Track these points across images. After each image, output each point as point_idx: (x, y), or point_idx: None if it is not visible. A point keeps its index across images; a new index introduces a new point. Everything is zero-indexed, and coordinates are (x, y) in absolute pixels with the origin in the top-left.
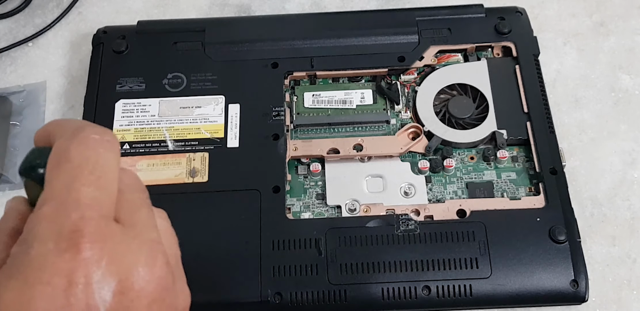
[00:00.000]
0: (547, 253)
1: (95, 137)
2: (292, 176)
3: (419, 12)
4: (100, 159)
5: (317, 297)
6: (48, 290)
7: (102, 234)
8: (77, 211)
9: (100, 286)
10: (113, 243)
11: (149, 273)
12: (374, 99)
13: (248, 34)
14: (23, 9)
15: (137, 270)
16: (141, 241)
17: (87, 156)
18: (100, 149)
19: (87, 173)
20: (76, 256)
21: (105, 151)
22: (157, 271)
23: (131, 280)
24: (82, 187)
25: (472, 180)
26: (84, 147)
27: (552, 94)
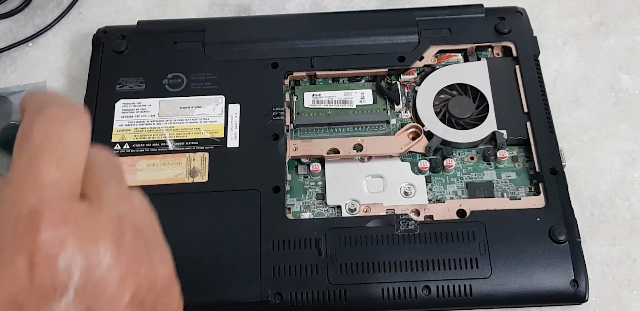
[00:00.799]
0: (547, 253)
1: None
2: (292, 176)
3: (419, 12)
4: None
5: (317, 297)
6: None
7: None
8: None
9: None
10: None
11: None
12: (374, 99)
13: (248, 34)
14: (23, 9)
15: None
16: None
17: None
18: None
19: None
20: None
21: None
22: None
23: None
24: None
25: (472, 180)
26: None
27: (552, 94)
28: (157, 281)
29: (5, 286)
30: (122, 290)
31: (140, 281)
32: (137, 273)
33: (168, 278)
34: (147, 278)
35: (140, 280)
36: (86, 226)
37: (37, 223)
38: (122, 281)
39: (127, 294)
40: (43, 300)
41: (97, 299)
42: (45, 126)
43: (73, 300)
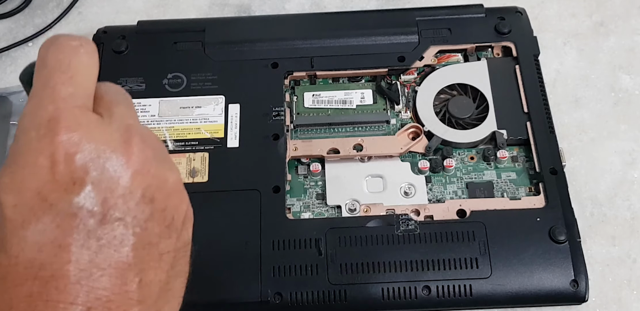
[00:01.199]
0: (547, 253)
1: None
2: (292, 176)
3: (419, 12)
4: (74, 60)
5: (317, 297)
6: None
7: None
8: (52, 103)
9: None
10: (89, 127)
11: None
12: (374, 99)
13: (248, 34)
14: (23, 9)
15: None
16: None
17: (60, 59)
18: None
19: (61, 73)
20: (54, 139)
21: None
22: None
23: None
24: (56, 85)
25: (472, 180)
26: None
27: (552, 94)
28: (167, 183)
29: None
30: (134, 186)
31: (150, 180)
32: (147, 172)
33: (177, 181)
34: (157, 178)
35: (150, 179)
36: (98, 131)
37: (55, 128)
38: (134, 178)
39: (138, 190)
40: (64, 192)
41: (111, 192)
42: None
43: (90, 192)
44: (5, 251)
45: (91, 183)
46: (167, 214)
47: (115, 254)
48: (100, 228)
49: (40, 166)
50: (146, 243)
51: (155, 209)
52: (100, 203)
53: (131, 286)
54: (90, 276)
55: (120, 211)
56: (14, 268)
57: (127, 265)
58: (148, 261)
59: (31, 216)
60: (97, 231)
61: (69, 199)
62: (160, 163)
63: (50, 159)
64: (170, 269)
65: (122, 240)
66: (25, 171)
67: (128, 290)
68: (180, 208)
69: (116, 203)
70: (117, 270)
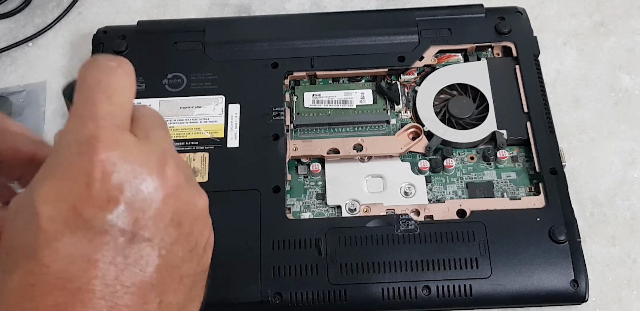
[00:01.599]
0: (547, 253)
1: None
2: (292, 176)
3: (419, 12)
4: (112, 80)
5: (317, 297)
6: (74, 185)
7: (116, 140)
8: (93, 122)
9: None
10: (127, 147)
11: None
12: (374, 99)
13: (248, 34)
14: (23, 9)
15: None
16: (153, 148)
17: (99, 78)
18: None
19: (100, 92)
20: (94, 157)
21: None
22: (168, 172)
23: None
24: (96, 103)
25: (472, 180)
26: (96, 71)
27: (552, 94)
28: (195, 208)
29: (69, 196)
30: (165, 209)
31: (180, 204)
32: (178, 196)
33: (204, 207)
34: (186, 203)
35: (180, 203)
36: (135, 153)
37: (95, 145)
38: (165, 201)
39: (168, 213)
40: (99, 209)
41: (143, 213)
42: (96, 72)
43: (123, 211)
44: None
45: (125, 202)
46: (191, 238)
47: (140, 274)
48: (129, 247)
49: (79, 182)
50: (170, 266)
51: (181, 233)
52: (132, 222)
53: (152, 306)
54: (115, 293)
55: (150, 232)
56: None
57: (149, 285)
58: (169, 283)
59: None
60: (126, 249)
61: (102, 216)
62: (191, 188)
63: (88, 176)
64: (188, 292)
65: (148, 261)
66: (64, 184)
67: (148, 309)
68: (203, 233)
69: (147, 224)
70: (140, 289)
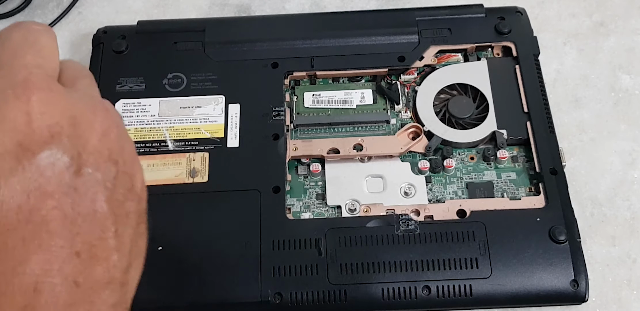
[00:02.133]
0: (547, 253)
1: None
2: (292, 176)
3: (419, 12)
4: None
5: (317, 297)
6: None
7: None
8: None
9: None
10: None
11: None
12: (374, 99)
13: (248, 34)
14: (23, 9)
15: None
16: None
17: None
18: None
19: (28, 46)
20: (31, 97)
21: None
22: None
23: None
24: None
25: (472, 180)
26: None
27: (552, 94)
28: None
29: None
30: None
31: (113, 144)
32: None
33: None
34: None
35: (113, 143)
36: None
37: (31, 88)
38: (100, 139)
39: (105, 150)
40: (43, 143)
41: (83, 148)
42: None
43: (66, 144)
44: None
45: (67, 136)
46: (127, 178)
47: (91, 204)
48: (76, 179)
49: (19, 121)
50: (115, 199)
51: (119, 170)
52: (76, 155)
53: (109, 234)
54: (74, 222)
55: (92, 166)
56: (6, 213)
57: (102, 215)
58: (118, 215)
59: (17, 164)
60: (75, 181)
61: (48, 148)
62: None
63: (27, 114)
64: (136, 226)
65: (97, 192)
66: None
67: (107, 237)
68: (137, 176)
69: (88, 158)
70: (96, 218)
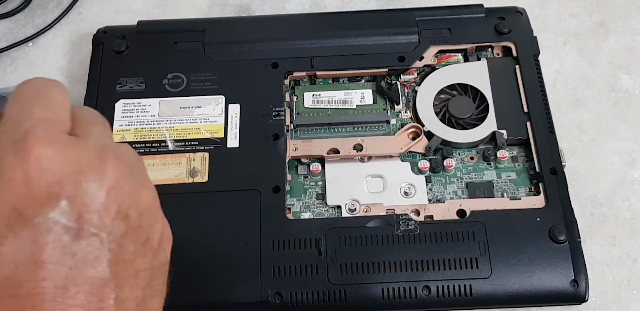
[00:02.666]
0: (547, 253)
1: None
2: (292, 176)
3: (419, 12)
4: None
5: (317, 297)
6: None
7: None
8: (29, 122)
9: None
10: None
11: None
12: (374, 99)
13: (248, 34)
14: (23, 9)
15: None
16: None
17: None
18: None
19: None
20: (30, 154)
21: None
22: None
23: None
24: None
25: (472, 180)
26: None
27: (552, 94)
28: (141, 200)
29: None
30: (109, 202)
31: (124, 196)
32: (121, 189)
33: (152, 200)
34: (131, 196)
35: (124, 196)
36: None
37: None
38: (108, 194)
39: (113, 206)
40: (40, 207)
41: (86, 207)
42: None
43: (65, 207)
44: None
45: (66, 197)
46: (142, 231)
47: (91, 270)
48: (75, 243)
49: (16, 181)
50: (122, 260)
51: (130, 226)
52: (75, 218)
53: (107, 302)
54: (66, 293)
55: (95, 227)
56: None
57: (103, 281)
58: (124, 278)
59: (8, 232)
60: (73, 246)
61: (44, 214)
62: (136, 180)
63: (25, 173)
64: (146, 287)
65: (98, 256)
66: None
67: (104, 306)
68: (155, 227)
69: (91, 218)
70: (93, 286)
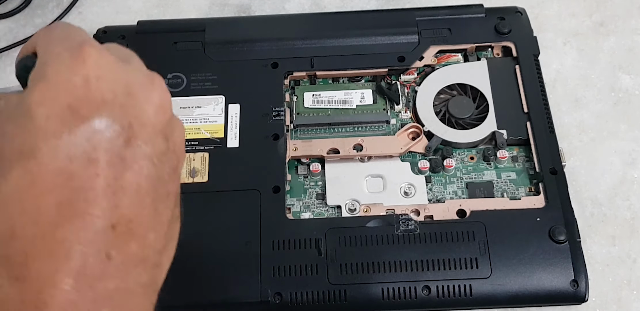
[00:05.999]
0: (547, 253)
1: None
2: (292, 176)
3: (419, 12)
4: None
5: (317, 297)
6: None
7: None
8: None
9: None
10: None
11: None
12: (374, 99)
13: (248, 34)
14: (23, 9)
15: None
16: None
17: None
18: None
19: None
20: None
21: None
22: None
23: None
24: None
25: (472, 180)
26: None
27: (552, 94)
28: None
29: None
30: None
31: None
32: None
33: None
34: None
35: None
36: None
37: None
38: (156, 112)
39: (158, 124)
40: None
41: (136, 118)
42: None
43: (119, 112)
44: (36, 159)
45: (120, 104)
46: (174, 157)
47: (135, 178)
48: (125, 149)
49: (74, 84)
50: (159, 177)
51: (168, 148)
52: (127, 125)
53: (148, 211)
54: (115, 194)
55: (143, 139)
56: (44, 176)
57: (145, 190)
58: (160, 194)
59: (63, 127)
60: (122, 151)
61: (99, 115)
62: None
63: (83, 77)
64: (174, 208)
65: (143, 166)
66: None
67: (146, 214)
68: (182, 157)
69: (140, 130)
70: (138, 193)
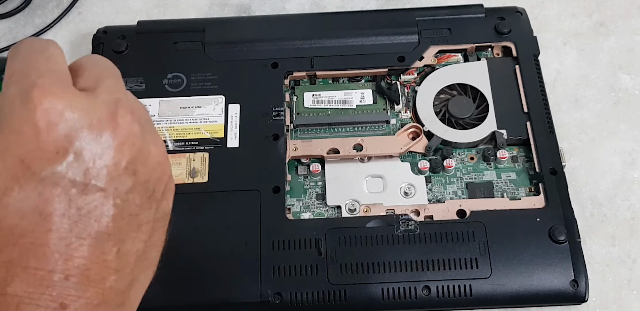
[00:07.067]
0: (547, 253)
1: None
2: (292, 176)
3: (419, 12)
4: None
5: (317, 297)
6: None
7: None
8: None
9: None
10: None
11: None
12: (374, 99)
13: (248, 34)
14: (23, 9)
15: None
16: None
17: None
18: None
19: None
20: (38, 107)
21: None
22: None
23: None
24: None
25: (472, 180)
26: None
27: (552, 94)
28: (150, 156)
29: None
30: (117, 158)
31: (134, 153)
32: (132, 145)
33: (160, 154)
34: (141, 152)
35: (134, 152)
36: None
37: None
38: (117, 150)
39: (121, 162)
40: (47, 161)
41: (94, 163)
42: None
43: (73, 161)
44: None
45: (74, 152)
46: (148, 186)
47: (95, 224)
48: (81, 197)
49: (24, 134)
50: (126, 214)
51: (137, 181)
52: (83, 173)
53: (109, 256)
54: (70, 245)
55: (102, 182)
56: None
57: (106, 235)
58: (127, 232)
59: (14, 183)
60: (78, 200)
61: (51, 167)
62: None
63: (34, 127)
64: (148, 239)
65: (103, 211)
66: (8, 138)
67: (106, 259)
68: (161, 180)
69: (98, 173)
70: (96, 239)
